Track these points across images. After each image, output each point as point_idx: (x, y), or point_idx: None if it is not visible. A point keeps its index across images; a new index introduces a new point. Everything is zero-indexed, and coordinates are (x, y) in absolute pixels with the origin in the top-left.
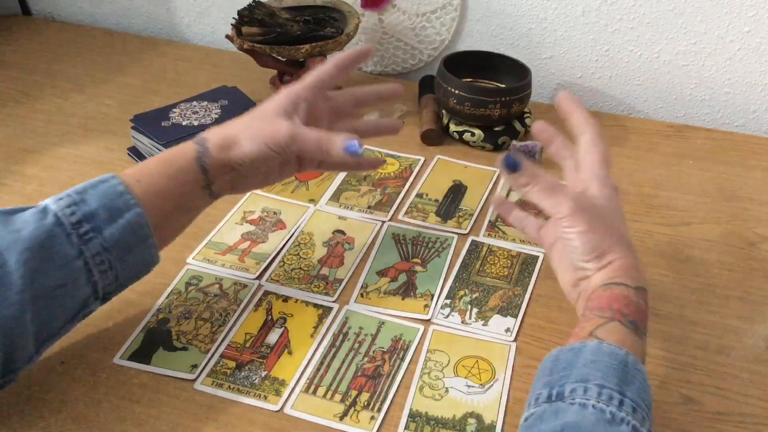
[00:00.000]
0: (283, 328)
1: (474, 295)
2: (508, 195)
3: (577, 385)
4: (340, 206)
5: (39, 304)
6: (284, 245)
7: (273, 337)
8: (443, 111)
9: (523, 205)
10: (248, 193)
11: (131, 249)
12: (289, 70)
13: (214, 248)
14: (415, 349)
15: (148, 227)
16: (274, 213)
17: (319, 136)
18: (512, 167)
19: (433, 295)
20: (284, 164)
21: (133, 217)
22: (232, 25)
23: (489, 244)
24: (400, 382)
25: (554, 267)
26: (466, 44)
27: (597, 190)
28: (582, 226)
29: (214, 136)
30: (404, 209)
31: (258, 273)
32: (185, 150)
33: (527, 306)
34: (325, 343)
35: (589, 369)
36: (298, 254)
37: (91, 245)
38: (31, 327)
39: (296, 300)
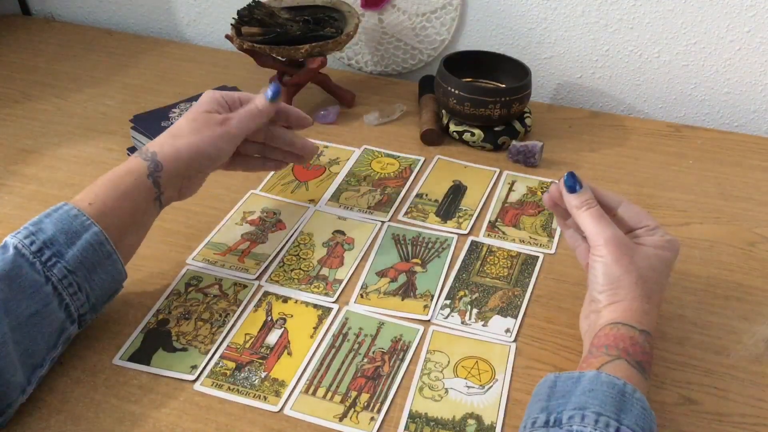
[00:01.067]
0: (282, 328)
1: (474, 296)
2: (508, 194)
3: (575, 413)
4: (339, 206)
5: (18, 334)
6: (284, 246)
7: (273, 338)
8: (443, 111)
9: (524, 205)
10: (248, 194)
11: (95, 267)
12: (288, 70)
13: (213, 249)
14: (415, 350)
15: (108, 243)
16: (274, 213)
17: (248, 107)
18: (571, 188)
19: (432, 296)
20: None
21: (91, 236)
22: (231, 25)
23: (489, 245)
24: (400, 382)
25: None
26: (466, 44)
27: (650, 242)
28: (609, 257)
29: (163, 149)
30: (404, 209)
31: (258, 273)
32: (134, 167)
33: (527, 306)
34: (324, 343)
35: (587, 397)
36: (298, 254)
37: (56, 270)
38: (16, 356)
39: (296, 300)
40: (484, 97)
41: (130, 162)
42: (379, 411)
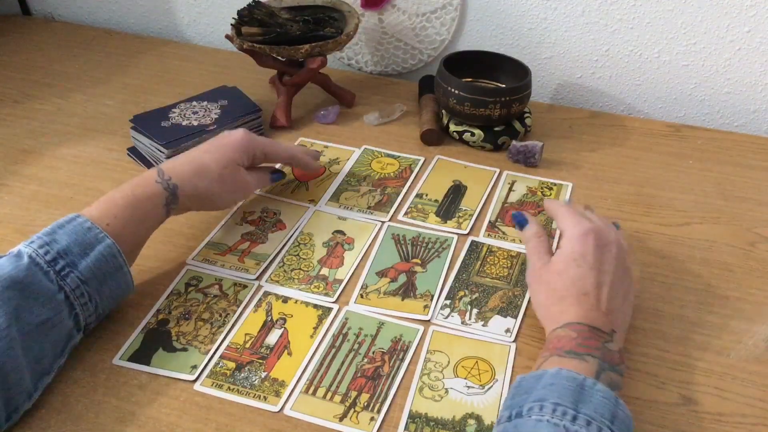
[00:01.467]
0: (282, 328)
1: (474, 296)
2: (508, 194)
3: (534, 404)
4: (339, 206)
5: (28, 340)
6: (284, 246)
7: (273, 338)
8: (443, 111)
9: (523, 205)
10: None
11: (106, 279)
12: (288, 70)
13: (214, 249)
14: (415, 350)
15: (120, 256)
16: (274, 213)
17: (261, 177)
18: (521, 225)
19: (432, 296)
20: None
21: (104, 248)
22: (231, 25)
23: (489, 245)
24: (400, 382)
25: None
26: (466, 44)
27: (560, 248)
28: (531, 294)
29: (184, 183)
30: (404, 209)
31: (258, 273)
32: (153, 193)
33: (527, 306)
34: (324, 343)
35: (547, 391)
36: (298, 254)
37: (69, 279)
38: (25, 363)
39: (296, 300)
40: (484, 97)
41: (149, 185)
42: (379, 411)
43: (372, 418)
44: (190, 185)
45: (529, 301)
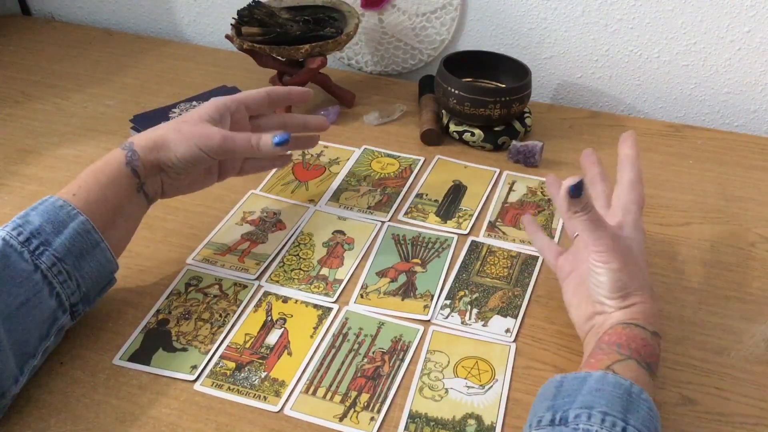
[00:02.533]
0: (282, 328)
1: (474, 296)
2: (508, 194)
3: (582, 411)
4: (339, 206)
5: (9, 323)
6: (284, 246)
7: (273, 338)
8: (443, 111)
9: (524, 205)
10: (248, 194)
11: (84, 255)
12: (288, 70)
13: (214, 249)
14: (415, 350)
15: (95, 231)
16: (274, 213)
17: (249, 135)
18: (575, 194)
19: (432, 296)
20: (207, 171)
21: (77, 225)
22: (231, 25)
23: (489, 245)
24: (400, 382)
25: (567, 298)
26: (466, 44)
27: (630, 232)
28: (616, 263)
29: (140, 139)
30: (404, 209)
31: (258, 273)
32: (114, 157)
33: (527, 307)
34: (324, 343)
35: (594, 397)
36: (298, 255)
37: (44, 258)
38: (9, 346)
39: (296, 300)
40: (484, 97)
41: (110, 153)
42: (379, 411)
43: (372, 418)
44: (145, 136)
45: (529, 302)
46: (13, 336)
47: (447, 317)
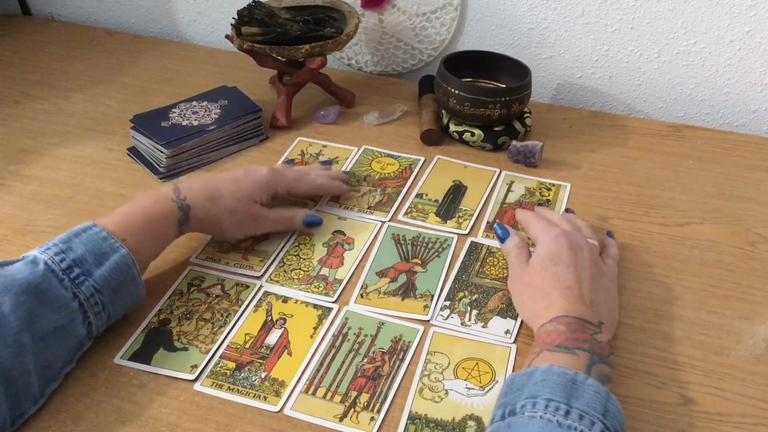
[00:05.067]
0: (282, 328)
1: (473, 297)
2: (506, 195)
3: (527, 401)
4: (340, 206)
5: (39, 346)
6: (286, 242)
7: (273, 338)
8: (443, 111)
9: (522, 206)
10: None
11: (120, 289)
12: (288, 70)
13: (216, 247)
14: (415, 350)
15: (135, 266)
16: None
17: (289, 217)
18: (501, 239)
19: (432, 296)
20: None
21: (119, 258)
22: (231, 25)
23: (488, 245)
24: (400, 383)
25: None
26: (466, 44)
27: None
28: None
29: (199, 211)
30: (404, 209)
31: (262, 271)
32: (168, 212)
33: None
34: (324, 343)
35: (539, 387)
36: (298, 254)
37: (84, 288)
38: (34, 368)
39: (296, 301)
40: (484, 97)
41: (165, 201)
42: (379, 411)
43: (372, 418)
44: (203, 209)
45: None
46: (41, 360)
47: (447, 318)
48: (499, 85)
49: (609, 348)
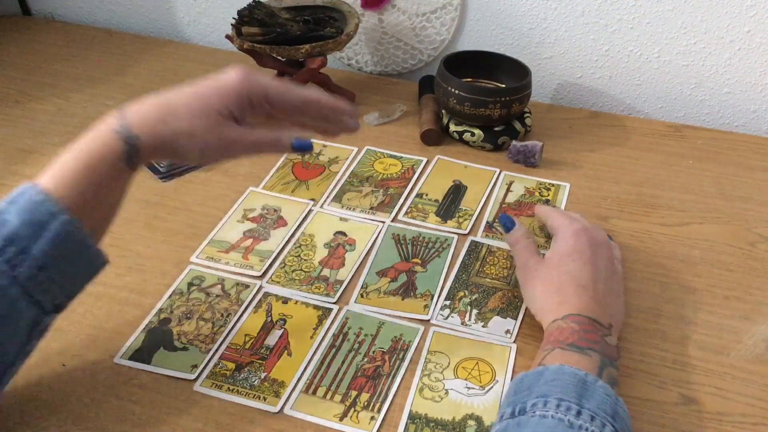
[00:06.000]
0: (282, 329)
1: (473, 296)
2: (506, 195)
3: (538, 400)
4: (342, 207)
5: None
6: (286, 243)
7: (272, 339)
8: (443, 111)
9: (521, 206)
10: (247, 191)
11: (69, 258)
12: (289, 70)
13: (216, 247)
14: (415, 350)
15: (80, 231)
16: (275, 210)
17: (274, 138)
18: (507, 228)
19: (432, 296)
20: None
21: (59, 226)
22: (232, 25)
23: (488, 245)
24: (400, 382)
25: None
26: (466, 44)
27: (553, 247)
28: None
29: (149, 138)
30: (404, 209)
31: (263, 270)
32: (109, 150)
33: (527, 307)
34: (324, 343)
35: (550, 386)
36: (299, 256)
37: (22, 269)
38: None
39: (296, 301)
40: (484, 97)
41: (105, 136)
42: (379, 411)
43: (372, 418)
44: (153, 135)
45: None
46: None
47: (447, 318)
48: (499, 85)
49: (617, 352)
